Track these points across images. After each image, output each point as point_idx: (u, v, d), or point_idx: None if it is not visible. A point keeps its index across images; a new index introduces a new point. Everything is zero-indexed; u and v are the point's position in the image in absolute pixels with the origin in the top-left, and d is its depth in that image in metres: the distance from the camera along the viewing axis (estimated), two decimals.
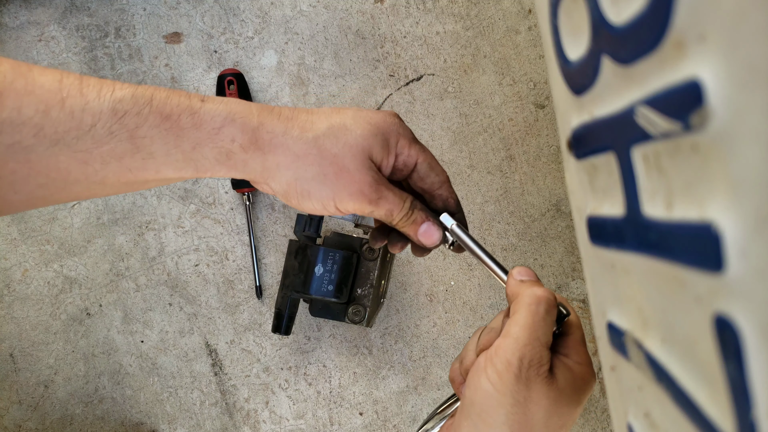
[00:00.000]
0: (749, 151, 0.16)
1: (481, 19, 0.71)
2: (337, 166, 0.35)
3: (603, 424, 0.69)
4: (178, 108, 0.32)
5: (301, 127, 0.35)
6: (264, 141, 0.34)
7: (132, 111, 0.31)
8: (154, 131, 0.32)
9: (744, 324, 0.17)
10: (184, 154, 0.33)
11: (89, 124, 0.30)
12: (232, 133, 0.33)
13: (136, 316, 0.68)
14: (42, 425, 0.67)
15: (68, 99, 0.29)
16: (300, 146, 0.35)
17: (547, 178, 0.70)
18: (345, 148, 0.35)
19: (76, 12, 0.70)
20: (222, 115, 0.33)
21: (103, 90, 0.31)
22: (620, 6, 0.23)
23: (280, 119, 0.35)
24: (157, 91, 0.32)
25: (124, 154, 0.31)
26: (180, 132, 0.32)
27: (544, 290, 0.34)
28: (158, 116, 0.32)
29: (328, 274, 0.57)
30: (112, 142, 0.31)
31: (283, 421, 0.68)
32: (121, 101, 0.31)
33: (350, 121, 0.36)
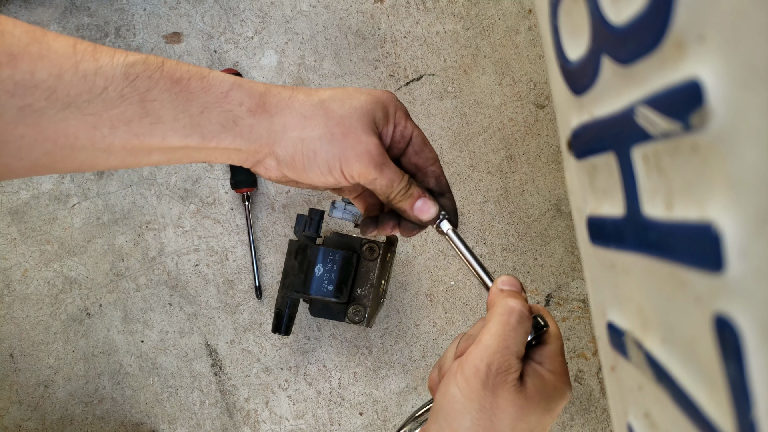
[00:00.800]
0: (749, 151, 0.16)
1: (481, 19, 0.71)
2: (344, 126, 0.36)
3: (603, 424, 0.69)
4: (188, 73, 0.33)
5: (306, 92, 0.36)
6: (271, 104, 0.35)
7: (144, 74, 0.32)
8: (164, 95, 0.32)
9: (744, 324, 0.17)
10: (191, 119, 0.33)
11: (101, 86, 0.31)
12: (239, 96, 0.34)
13: (136, 316, 0.68)
14: (42, 425, 0.67)
15: (82, 63, 0.30)
16: (306, 108, 0.36)
17: (547, 178, 0.70)
18: (351, 110, 0.36)
19: (76, 12, 0.70)
20: (230, 81, 0.34)
21: (116, 55, 0.32)
22: (620, 6, 0.23)
23: (284, 87, 0.36)
24: (167, 60, 0.33)
25: (132, 117, 0.32)
26: (189, 95, 0.33)
27: (518, 302, 0.35)
28: (168, 80, 0.33)
29: (328, 274, 0.57)
30: (123, 105, 0.31)
31: (283, 421, 0.68)
32: (133, 65, 0.32)
33: (352, 91, 0.37)
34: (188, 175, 0.69)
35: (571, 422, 0.69)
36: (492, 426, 0.32)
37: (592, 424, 0.69)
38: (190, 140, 0.34)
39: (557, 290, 0.70)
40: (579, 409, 0.69)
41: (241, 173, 0.66)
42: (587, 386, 0.69)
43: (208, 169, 0.69)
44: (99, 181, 0.69)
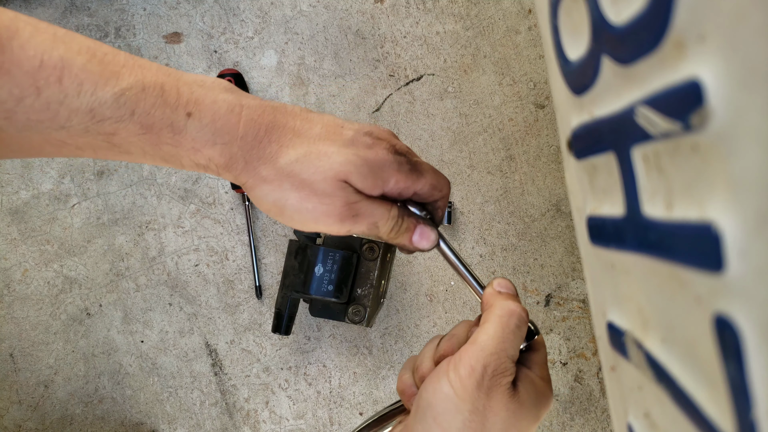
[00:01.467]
0: (749, 151, 0.16)
1: (481, 19, 0.71)
2: (305, 191, 0.34)
3: (603, 424, 0.69)
4: (161, 122, 0.30)
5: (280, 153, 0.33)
6: (236, 167, 0.33)
7: (112, 117, 0.29)
8: (131, 137, 0.30)
9: (744, 324, 0.17)
10: (161, 158, 0.32)
11: (65, 117, 0.28)
12: (209, 154, 0.32)
13: (136, 316, 0.68)
14: (42, 425, 0.67)
15: (45, 89, 0.27)
16: (268, 171, 0.33)
17: (547, 178, 0.70)
18: (316, 173, 0.33)
19: (76, 12, 0.70)
20: (204, 137, 0.32)
21: (86, 85, 0.28)
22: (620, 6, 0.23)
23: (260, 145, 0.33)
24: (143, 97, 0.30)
25: (99, 147, 0.30)
26: (158, 143, 0.31)
27: (518, 305, 0.35)
28: (138, 126, 0.30)
29: (328, 274, 0.57)
30: (88, 137, 0.29)
31: (283, 421, 0.68)
32: (101, 104, 0.29)
33: (334, 150, 0.34)
34: (188, 175, 0.69)
35: (571, 422, 0.69)
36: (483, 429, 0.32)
37: (592, 424, 0.69)
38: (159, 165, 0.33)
39: (557, 290, 0.70)
40: (579, 409, 0.69)
41: None
42: (587, 386, 0.69)
43: None
44: (99, 181, 0.69)
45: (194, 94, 0.31)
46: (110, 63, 0.29)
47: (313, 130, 0.34)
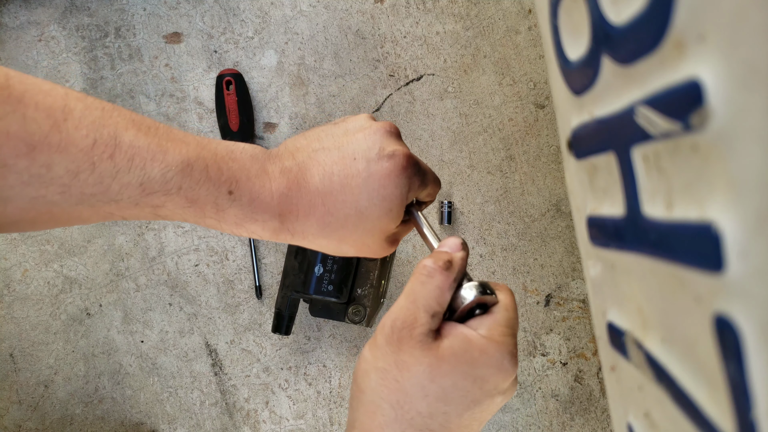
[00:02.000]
0: (749, 151, 0.16)
1: (481, 19, 0.71)
2: (357, 246, 0.37)
3: (603, 424, 0.69)
4: (206, 198, 0.32)
5: (318, 222, 0.35)
6: (282, 238, 0.35)
7: (160, 191, 0.31)
8: (177, 210, 0.32)
9: (744, 324, 0.17)
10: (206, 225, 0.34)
11: (116, 192, 0.30)
12: (252, 229, 0.34)
13: (136, 316, 0.68)
14: (42, 425, 0.67)
15: (99, 164, 0.29)
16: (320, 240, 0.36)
17: (547, 178, 0.70)
18: (364, 234, 0.36)
19: (76, 12, 0.70)
20: (246, 214, 0.33)
21: (136, 160, 0.30)
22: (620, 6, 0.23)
23: (298, 218, 0.35)
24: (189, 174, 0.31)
25: (146, 216, 0.32)
26: (203, 216, 0.33)
27: (430, 258, 0.33)
28: (185, 200, 0.31)
29: (328, 274, 0.57)
30: (136, 210, 0.31)
31: (283, 421, 0.69)
32: (150, 180, 0.30)
33: (365, 201, 0.35)
34: None
35: (571, 422, 0.69)
36: (399, 386, 0.30)
37: (592, 424, 0.69)
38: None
39: (557, 290, 0.70)
40: (579, 409, 0.69)
41: None
42: (587, 386, 0.69)
43: None
44: None
45: (230, 170, 0.33)
46: (155, 137, 0.31)
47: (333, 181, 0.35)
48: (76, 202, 0.29)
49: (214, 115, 0.69)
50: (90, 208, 0.30)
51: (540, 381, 0.69)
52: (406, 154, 0.36)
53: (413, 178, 0.36)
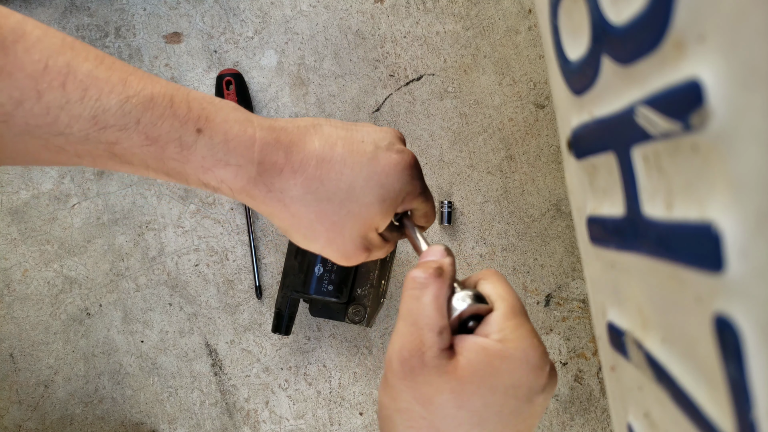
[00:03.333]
0: (749, 151, 0.16)
1: (481, 19, 0.71)
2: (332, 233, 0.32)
3: (603, 424, 0.69)
4: (168, 135, 0.28)
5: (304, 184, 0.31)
6: (258, 192, 0.31)
7: (115, 126, 0.27)
8: (135, 149, 0.28)
9: (744, 324, 0.17)
10: (164, 173, 0.30)
11: (65, 124, 0.27)
12: (222, 175, 0.30)
13: (136, 316, 0.68)
14: (42, 425, 0.67)
15: (47, 92, 0.26)
16: (297, 207, 0.31)
17: (547, 178, 0.70)
18: (347, 217, 0.32)
19: (76, 12, 0.70)
20: (216, 156, 0.29)
21: (91, 91, 0.27)
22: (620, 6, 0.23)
23: (282, 173, 0.31)
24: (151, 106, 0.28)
25: (99, 156, 0.29)
26: (163, 157, 0.29)
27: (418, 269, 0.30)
28: (143, 137, 0.28)
29: (328, 274, 0.57)
30: (88, 145, 0.28)
31: (283, 421, 0.68)
32: (105, 111, 0.27)
33: (361, 181, 0.32)
34: None
35: (571, 422, 0.69)
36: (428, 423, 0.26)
37: (592, 424, 0.69)
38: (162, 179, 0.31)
39: (557, 290, 0.70)
40: (579, 409, 0.69)
41: None
42: (587, 386, 0.69)
43: None
44: (99, 181, 0.69)
45: (205, 110, 0.29)
46: (118, 70, 0.28)
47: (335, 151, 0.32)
48: (19, 132, 0.26)
49: None
50: (37, 140, 0.27)
51: None
52: (414, 155, 0.34)
53: (415, 181, 0.34)
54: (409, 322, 0.28)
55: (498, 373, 0.26)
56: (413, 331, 0.27)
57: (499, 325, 0.28)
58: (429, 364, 0.26)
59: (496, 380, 0.26)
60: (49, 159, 0.29)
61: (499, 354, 0.27)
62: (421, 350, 0.26)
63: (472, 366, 0.26)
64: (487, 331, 0.28)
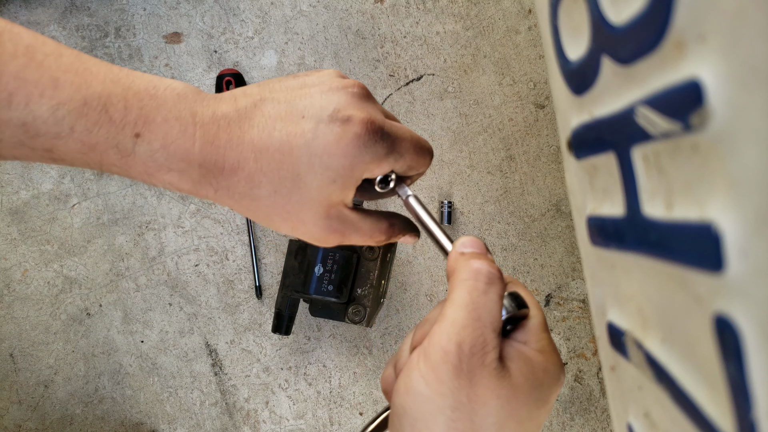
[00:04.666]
0: (749, 151, 0.16)
1: (481, 19, 0.71)
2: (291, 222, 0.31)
3: (603, 424, 0.69)
4: (106, 142, 0.26)
5: (247, 180, 0.29)
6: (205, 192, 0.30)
7: (48, 134, 0.25)
8: (74, 155, 0.26)
9: (744, 324, 0.17)
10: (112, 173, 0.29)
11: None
12: (167, 179, 0.29)
13: (136, 316, 0.68)
14: (42, 425, 0.67)
15: None
16: (248, 202, 0.30)
17: (547, 178, 0.70)
18: (299, 205, 0.30)
19: (76, 12, 0.70)
20: (157, 162, 0.28)
21: (19, 95, 0.24)
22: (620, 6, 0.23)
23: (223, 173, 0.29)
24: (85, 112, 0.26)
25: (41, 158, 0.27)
26: (104, 163, 0.27)
27: (485, 262, 0.28)
28: (80, 144, 0.26)
29: (328, 274, 0.57)
30: (24, 149, 0.26)
31: (283, 421, 0.68)
32: (35, 118, 0.25)
33: (305, 168, 0.29)
34: None
35: (571, 422, 0.69)
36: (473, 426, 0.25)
37: (592, 424, 0.69)
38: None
39: (557, 290, 0.70)
40: (579, 409, 0.69)
41: None
42: (587, 386, 0.69)
43: None
44: (99, 181, 0.69)
45: (144, 109, 0.27)
46: (49, 68, 0.25)
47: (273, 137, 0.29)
48: None
49: None
50: None
51: None
52: (364, 120, 0.29)
53: (374, 147, 0.30)
54: (474, 317, 0.26)
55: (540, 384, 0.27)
56: (477, 327, 0.26)
57: (537, 335, 0.28)
58: (489, 366, 0.25)
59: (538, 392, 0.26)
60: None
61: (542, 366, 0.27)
62: (485, 350, 0.25)
63: (524, 376, 0.26)
64: (527, 338, 0.28)
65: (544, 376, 0.27)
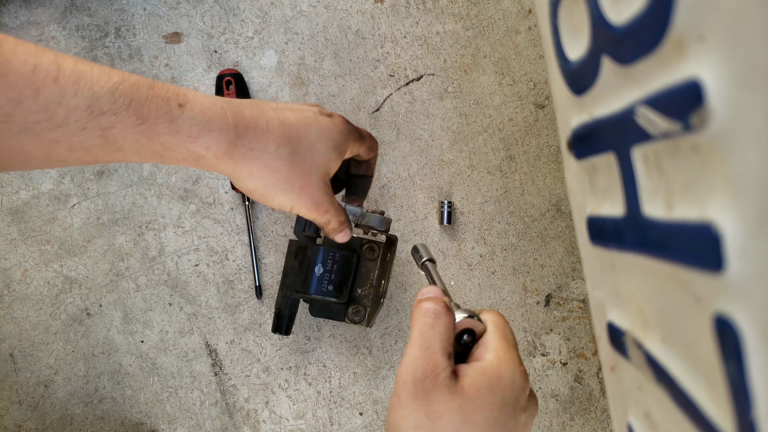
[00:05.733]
0: (749, 151, 0.16)
1: (481, 19, 0.71)
2: (303, 181, 0.39)
3: (603, 424, 0.69)
4: (156, 112, 0.32)
5: (276, 141, 0.37)
6: (239, 153, 0.36)
7: (109, 111, 0.30)
8: (128, 131, 0.31)
9: (744, 324, 0.17)
10: (153, 152, 0.33)
11: (62, 116, 0.29)
12: (207, 142, 0.34)
13: (136, 316, 0.68)
14: (42, 425, 0.67)
15: (43, 90, 0.28)
16: (275, 161, 0.37)
17: (547, 178, 0.70)
18: (312, 165, 0.39)
19: (76, 12, 0.70)
20: (200, 125, 0.34)
21: (82, 82, 0.29)
22: (620, 6, 0.23)
23: (255, 134, 0.36)
24: (136, 90, 0.31)
25: (93, 146, 0.31)
26: (154, 135, 0.32)
27: (430, 301, 0.33)
28: (135, 118, 0.31)
29: (328, 274, 0.57)
30: (83, 135, 0.30)
31: (283, 421, 0.69)
32: (98, 99, 0.29)
33: (314, 137, 0.39)
34: (188, 175, 0.69)
35: (571, 422, 0.69)
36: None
37: (592, 424, 0.69)
38: (150, 161, 0.35)
39: (557, 290, 0.70)
40: (579, 409, 0.69)
41: None
42: (587, 386, 0.69)
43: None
44: (99, 181, 0.69)
45: (178, 90, 0.34)
46: (97, 65, 0.31)
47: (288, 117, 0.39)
48: (18, 130, 0.28)
49: None
50: (34, 137, 0.29)
51: (540, 381, 0.69)
52: (342, 117, 0.43)
53: (352, 132, 0.43)
54: (423, 347, 0.30)
55: (494, 389, 0.30)
56: (427, 356, 0.30)
57: (493, 345, 0.32)
58: (441, 384, 0.29)
59: (492, 396, 0.30)
60: (41, 157, 0.30)
61: (495, 373, 0.31)
62: (436, 372, 0.30)
63: (475, 385, 0.30)
64: (482, 352, 0.32)
65: (498, 381, 0.30)
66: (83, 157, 0.32)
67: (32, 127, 0.28)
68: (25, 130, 0.28)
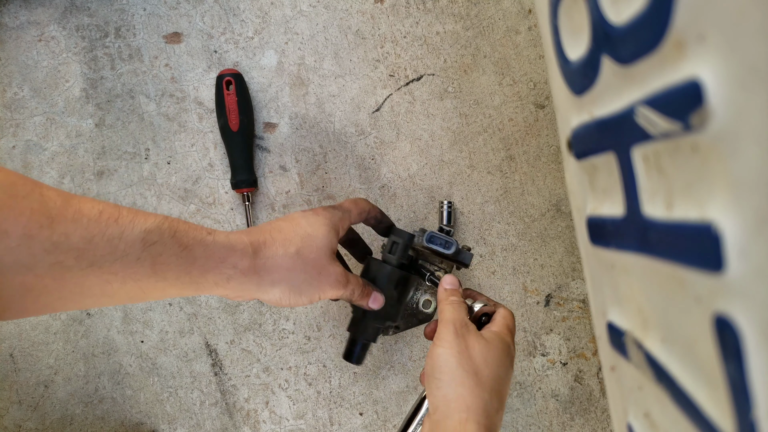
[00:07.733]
0: (749, 151, 0.16)
1: (481, 19, 0.71)
2: (317, 268, 0.47)
3: (603, 424, 0.69)
4: (194, 240, 0.39)
5: (281, 246, 0.45)
6: (260, 266, 0.43)
7: (159, 241, 0.37)
8: (172, 258, 0.37)
9: (744, 324, 0.17)
10: (191, 279, 0.39)
11: (123, 250, 0.35)
12: (234, 261, 0.42)
13: (136, 316, 0.68)
14: (42, 425, 0.68)
15: (108, 229, 0.34)
16: (288, 262, 0.45)
17: (547, 178, 0.70)
18: (318, 252, 0.47)
19: (76, 12, 0.70)
20: (226, 247, 0.41)
21: (136, 220, 0.36)
22: (620, 6, 0.23)
23: (266, 246, 0.44)
24: (176, 224, 0.38)
25: (142, 276, 0.37)
26: (193, 260, 0.39)
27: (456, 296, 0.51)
28: (177, 246, 0.38)
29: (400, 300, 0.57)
30: (137, 266, 0.36)
31: (283, 421, 0.69)
32: (150, 232, 0.36)
33: (311, 229, 0.47)
34: (188, 176, 0.69)
35: (571, 422, 0.69)
36: (470, 361, 0.44)
37: (592, 424, 0.69)
38: (186, 293, 0.40)
39: (557, 290, 0.70)
40: (579, 409, 0.69)
41: (241, 173, 0.66)
42: (587, 386, 0.69)
43: (208, 169, 0.69)
44: (99, 181, 0.69)
45: (200, 226, 0.41)
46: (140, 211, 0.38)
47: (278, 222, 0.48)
48: (88, 264, 0.34)
49: (214, 115, 0.69)
50: (97, 270, 0.34)
51: (540, 381, 0.69)
52: (322, 207, 0.51)
53: (334, 214, 0.51)
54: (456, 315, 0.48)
55: (497, 348, 0.47)
56: (457, 317, 0.48)
57: (499, 324, 0.50)
58: (471, 331, 0.47)
59: (500, 345, 0.47)
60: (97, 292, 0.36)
61: (499, 337, 0.48)
62: (466, 324, 0.47)
63: (490, 337, 0.47)
64: (492, 324, 0.50)
65: (500, 343, 0.47)
66: (130, 291, 0.37)
67: (98, 261, 0.34)
68: (92, 263, 0.34)
